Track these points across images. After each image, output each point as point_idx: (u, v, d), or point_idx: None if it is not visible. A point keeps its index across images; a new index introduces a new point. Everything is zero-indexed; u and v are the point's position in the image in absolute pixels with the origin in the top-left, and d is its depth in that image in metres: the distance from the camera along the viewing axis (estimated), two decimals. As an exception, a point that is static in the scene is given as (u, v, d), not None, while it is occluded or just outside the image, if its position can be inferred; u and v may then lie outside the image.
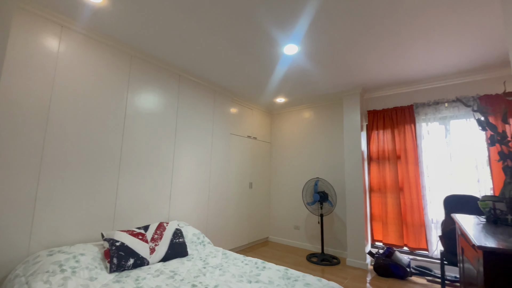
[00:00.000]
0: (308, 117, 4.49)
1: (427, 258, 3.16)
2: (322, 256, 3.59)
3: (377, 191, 3.58)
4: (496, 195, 1.41)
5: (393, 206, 3.39)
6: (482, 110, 1.50)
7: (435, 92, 3.31)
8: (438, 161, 3.20)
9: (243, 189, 4.09)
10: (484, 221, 1.42)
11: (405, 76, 3.23)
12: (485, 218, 1.42)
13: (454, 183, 3.08)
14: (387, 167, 3.51)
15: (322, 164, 4.21)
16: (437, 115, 3.24)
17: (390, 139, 3.54)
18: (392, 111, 3.56)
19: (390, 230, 3.38)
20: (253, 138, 4.40)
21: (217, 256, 2.28)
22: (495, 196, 1.43)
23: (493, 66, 2.86)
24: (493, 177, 2.82)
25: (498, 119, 2.74)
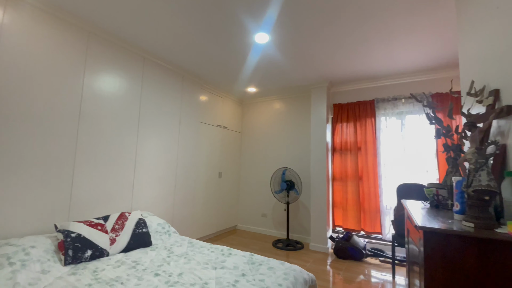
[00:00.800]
0: (278, 108, 4.55)
1: (381, 241, 3.48)
2: (287, 242, 3.75)
3: (339, 180, 3.80)
4: (440, 183, 1.58)
5: (353, 194, 3.64)
6: (431, 105, 1.66)
7: (394, 89, 3.56)
8: (394, 153, 3.48)
9: (212, 178, 4.06)
10: (428, 206, 1.58)
11: (368, 72, 3.41)
12: (429, 204, 1.58)
13: (406, 173, 3.39)
14: (349, 157, 3.74)
15: (290, 154, 4.33)
16: (395, 110, 3.50)
17: (352, 131, 3.75)
18: (355, 105, 3.76)
19: (350, 216, 3.63)
20: (223, 128, 4.35)
21: (182, 245, 2.25)
22: (438, 183, 1.61)
23: (445, 67, 3.16)
24: (439, 168, 3.16)
25: (445, 114, 3.05)
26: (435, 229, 0.91)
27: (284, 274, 1.70)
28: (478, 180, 0.92)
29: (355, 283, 2.60)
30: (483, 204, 0.92)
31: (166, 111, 3.19)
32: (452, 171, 1.48)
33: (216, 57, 3.02)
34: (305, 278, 1.76)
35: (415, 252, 1.28)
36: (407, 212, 1.53)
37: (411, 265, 1.48)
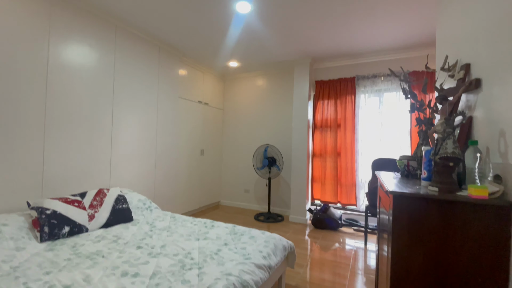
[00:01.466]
0: (261, 85, 4.49)
1: (355, 212, 3.71)
2: (269, 215, 3.89)
3: (318, 156, 3.92)
4: (411, 155, 1.68)
5: (331, 169, 3.79)
6: (407, 79, 1.71)
7: (374, 66, 3.61)
8: (371, 130, 3.61)
9: (194, 156, 4.02)
10: (399, 177, 1.68)
11: (350, 49, 3.42)
12: (400, 174, 1.69)
13: (382, 149, 3.56)
14: (329, 134, 3.83)
15: (272, 131, 4.36)
16: (374, 88, 3.58)
17: (333, 108, 3.82)
18: (337, 82, 3.79)
19: (327, 190, 3.81)
20: (204, 104, 4.25)
21: (165, 220, 2.27)
22: (409, 155, 1.71)
23: (423, 45, 3.22)
24: (412, 144, 3.34)
25: (420, 89, 3.17)
26: (403, 193, 0.98)
27: (265, 242, 1.78)
28: (444, 148, 0.99)
29: (331, 250, 2.80)
30: (447, 171, 0.99)
31: (143, 85, 3.04)
32: (423, 143, 1.57)
33: (195, 27, 2.86)
34: (284, 245, 1.86)
35: (385, 220, 1.38)
36: (380, 182, 1.62)
37: (381, 232, 1.60)
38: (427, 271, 0.95)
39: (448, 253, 0.93)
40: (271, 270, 1.56)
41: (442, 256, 0.93)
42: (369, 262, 2.54)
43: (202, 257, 1.51)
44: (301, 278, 2.17)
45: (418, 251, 0.97)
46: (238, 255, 1.55)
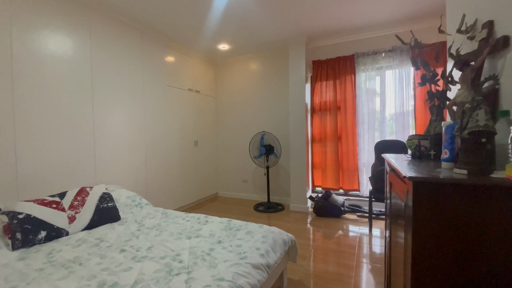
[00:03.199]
0: (255, 69, 4.23)
1: (358, 197, 3.57)
2: (268, 205, 3.75)
3: (318, 141, 3.73)
4: (422, 134, 1.49)
5: (332, 154, 3.61)
6: (419, 45, 1.49)
7: (374, 42, 3.36)
8: (372, 110, 3.41)
9: (188, 147, 3.83)
10: (409, 158, 1.49)
11: (348, 23, 3.15)
12: (410, 155, 1.50)
13: (384, 130, 3.37)
14: (328, 118, 3.63)
15: (268, 117, 4.15)
16: (374, 65, 3.35)
17: (332, 90, 3.59)
18: (335, 61, 3.55)
19: (328, 176, 3.64)
20: (195, 92, 4.01)
21: (155, 217, 2.10)
22: (420, 135, 1.52)
23: (427, 16, 2.97)
24: (416, 123, 3.15)
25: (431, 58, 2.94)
26: (426, 179, 0.80)
27: (263, 237, 1.62)
28: (475, 121, 0.79)
29: (334, 238, 2.66)
30: (478, 148, 0.81)
31: (125, 73, 2.80)
32: (436, 119, 1.38)
33: (179, 6, 2.59)
34: (284, 239, 1.71)
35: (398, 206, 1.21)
36: (390, 165, 1.44)
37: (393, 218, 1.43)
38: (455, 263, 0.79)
39: (482, 245, 0.75)
40: (270, 269, 1.40)
41: (473, 248, 0.76)
42: (375, 249, 2.40)
43: (192, 259, 1.35)
44: (304, 272, 2.03)
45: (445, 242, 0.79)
46: (232, 254, 1.39)
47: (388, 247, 1.70)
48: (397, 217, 1.20)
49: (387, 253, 1.68)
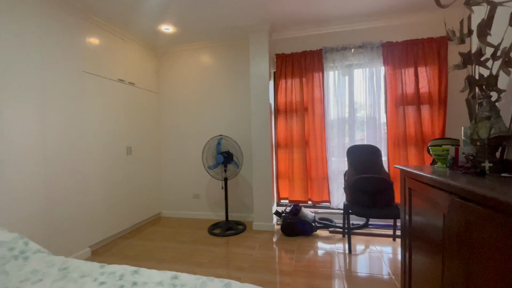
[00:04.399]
0: (209, 61, 3.54)
1: (328, 210, 3.17)
2: (227, 225, 3.07)
3: (283, 146, 3.23)
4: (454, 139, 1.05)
5: (299, 161, 3.15)
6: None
7: (344, 37, 3.04)
8: (342, 112, 3.07)
9: (117, 156, 2.89)
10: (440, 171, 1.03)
11: (316, 13, 2.75)
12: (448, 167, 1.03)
13: (354, 135, 3.06)
14: (295, 120, 3.17)
15: (226, 119, 3.49)
16: (344, 62, 3.02)
17: (298, 88, 3.15)
18: (301, 55, 3.12)
19: (296, 186, 3.17)
20: (129, 84, 3.10)
21: (45, 278, 1.24)
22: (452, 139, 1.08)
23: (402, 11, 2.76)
24: (388, 126, 2.91)
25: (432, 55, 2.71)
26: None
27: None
28: None
29: (315, 267, 2.14)
30: None
31: (8, 51, 1.81)
32: (490, 116, 0.95)
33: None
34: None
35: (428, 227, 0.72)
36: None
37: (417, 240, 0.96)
38: None
39: None
40: None
41: None
42: (372, 273, 1.96)
43: None
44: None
45: None
46: None
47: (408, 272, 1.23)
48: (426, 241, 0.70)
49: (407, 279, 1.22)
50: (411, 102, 2.83)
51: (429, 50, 2.77)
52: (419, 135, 2.80)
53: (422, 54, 2.79)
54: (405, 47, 2.82)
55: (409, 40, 2.81)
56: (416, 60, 2.80)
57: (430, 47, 2.77)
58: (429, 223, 0.95)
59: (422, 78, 2.80)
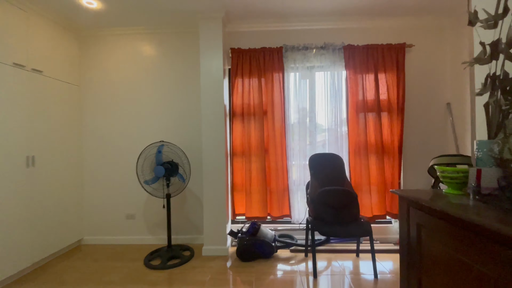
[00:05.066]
0: (150, 51, 2.92)
1: (290, 224, 2.86)
2: (170, 253, 2.49)
3: (240, 155, 2.82)
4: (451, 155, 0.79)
5: (258, 172, 2.77)
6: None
7: (305, 35, 2.81)
8: (304, 117, 2.81)
9: (10, 169, 2.07)
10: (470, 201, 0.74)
11: (275, 6, 2.45)
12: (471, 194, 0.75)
13: (315, 142, 2.83)
14: (253, 125, 2.79)
15: (170, 122, 2.91)
16: (305, 63, 2.78)
17: (256, 89, 2.78)
18: (260, 52, 2.76)
19: (254, 200, 2.77)
20: (33, 71, 2.29)
21: None
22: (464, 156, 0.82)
23: (362, 13, 2.63)
24: (349, 134, 2.75)
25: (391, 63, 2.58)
26: None
27: None
28: None
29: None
30: None
31: None
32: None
33: None
34: None
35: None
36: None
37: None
38: None
39: None
40: None
41: None
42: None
43: None
44: None
45: None
46: None
47: None
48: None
49: None
50: (372, 109, 2.72)
51: (388, 56, 2.71)
52: (379, 144, 2.70)
53: (381, 60, 2.71)
54: (365, 51, 2.71)
55: (370, 44, 2.71)
56: (376, 65, 2.71)
57: (389, 54, 2.71)
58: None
59: (382, 84, 2.73)
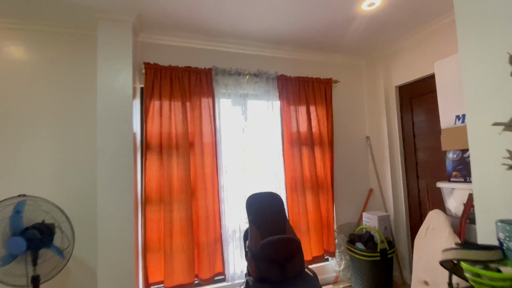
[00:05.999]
0: (20, 54, 1.93)
1: (223, 283, 2.31)
2: None
3: (156, 202, 2.13)
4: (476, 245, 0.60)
5: (182, 222, 2.14)
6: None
7: (238, 59, 2.51)
8: (239, 151, 2.43)
9: None
10: None
11: (206, 21, 2.06)
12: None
13: (252, 177, 2.47)
14: (175, 160, 2.18)
15: (47, 161, 1.94)
16: (238, 90, 2.44)
17: (180, 115, 2.23)
18: (184, 72, 2.26)
19: (177, 262, 2.10)
20: None
21: None
22: (494, 247, 0.59)
23: (294, 45, 2.54)
24: (286, 170, 2.53)
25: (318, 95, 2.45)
26: None
27: None
28: None
29: None
30: None
31: None
32: None
33: None
34: None
35: None
36: None
37: None
38: None
39: None
40: None
41: None
42: None
43: None
44: None
45: None
46: None
47: None
48: None
49: None
50: (306, 142, 2.61)
51: (318, 90, 2.71)
52: (314, 178, 2.60)
53: (312, 93, 2.69)
54: (298, 83, 2.63)
55: (301, 77, 2.65)
56: (308, 98, 2.66)
57: (319, 88, 2.72)
58: None
59: (313, 117, 2.68)
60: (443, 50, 2.13)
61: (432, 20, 2.17)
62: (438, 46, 2.18)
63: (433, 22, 2.18)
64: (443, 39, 2.13)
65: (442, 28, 2.15)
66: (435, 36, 2.20)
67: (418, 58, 2.37)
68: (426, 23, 2.21)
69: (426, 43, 2.30)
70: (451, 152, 1.78)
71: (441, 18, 2.11)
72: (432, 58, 2.22)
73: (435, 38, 2.21)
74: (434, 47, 2.22)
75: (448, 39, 2.08)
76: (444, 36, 2.12)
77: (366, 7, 1.97)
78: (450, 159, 1.79)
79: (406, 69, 2.51)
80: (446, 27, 2.11)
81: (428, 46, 2.27)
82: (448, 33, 2.08)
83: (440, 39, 2.16)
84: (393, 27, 2.27)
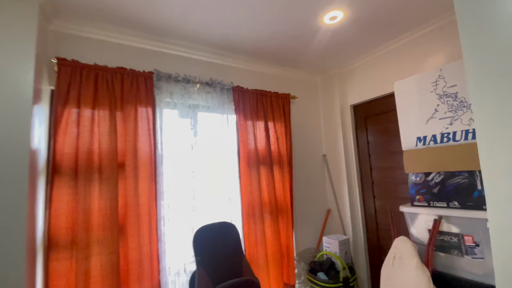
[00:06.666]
0: None
1: None
2: None
3: (66, 246, 1.54)
4: None
5: (104, 271, 1.59)
6: None
7: (188, 64, 2.13)
8: (186, 173, 2.01)
9: None
10: None
11: (145, 10, 1.67)
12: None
13: (199, 207, 2.05)
14: (96, 187, 1.65)
15: None
16: (187, 100, 2.06)
17: (106, 128, 1.72)
18: (115, 73, 1.78)
19: (94, 328, 1.53)
20: None
21: None
22: None
23: (250, 55, 2.29)
24: (242, 194, 2.20)
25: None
26: None
27: None
28: None
29: None
30: None
31: None
32: None
33: None
34: None
35: None
36: None
37: None
38: None
39: None
40: None
41: None
42: None
43: None
44: None
45: None
46: None
47: None
48: None
49: None
50: (264, 161, 2.34)
51: (276, 105, 2.51)
52: (273, 201, 2.32)
53: (270, 108, 2.47)
54: (255, 96, 2.38)
55: (259, 90, 2.41)
56: (266, 113, 2.43)
57: (277, 103, 2.52)
58: None
59: (272, 134, 2.45)
60: (398, 71, 2.15)
61: (387, 42, 2.19)
62: (394, 67, 2.20)
63: (388, 44, 2.20)
64: (399, 60, 2.16)
65: (397, 49, 2.18)
66: (391, 57, 2.23)
67: (373, 78, 2.38)
68: (382, 44, 2.22)
69: (381, 64, 2.31)
70: (413, 175, 1.71)
71: (396, 40, 2.14)
72: (387, 79, 2.23)
73: (390, 59, 2.23)
74: (389, 68, 2.24)
75: (406, 60, 2.11)
76: (400, 57, 2.15)
77: (328, 21, 1.85)
78: (413, 181, 1.72)
79: (361, 88, 2.50)
80: (401, 48, 2.15)
81: (383, 66, 2.29)
82: (404, 55, 2.12)
83: (395, 60, 2.19)
84: (351, 45, 2.23)
